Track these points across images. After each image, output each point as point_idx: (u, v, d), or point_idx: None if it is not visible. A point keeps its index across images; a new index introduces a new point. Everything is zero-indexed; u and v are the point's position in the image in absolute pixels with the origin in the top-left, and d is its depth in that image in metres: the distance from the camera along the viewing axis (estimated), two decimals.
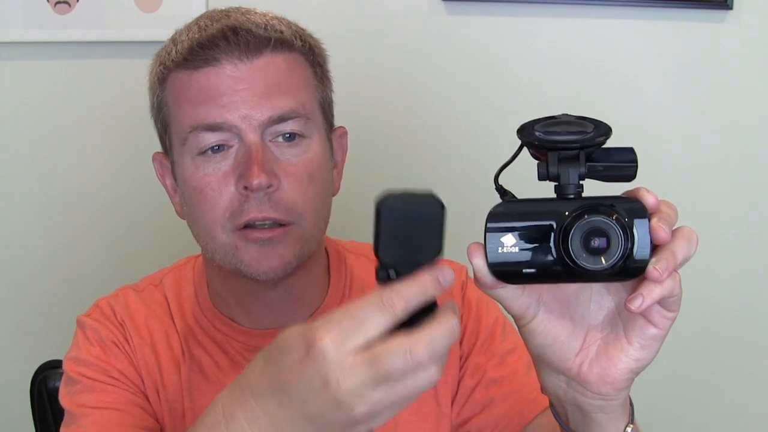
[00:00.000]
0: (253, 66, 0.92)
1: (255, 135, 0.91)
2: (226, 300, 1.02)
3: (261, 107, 0.91)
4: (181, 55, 0.93)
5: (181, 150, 0.94)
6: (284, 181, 0.92)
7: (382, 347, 0.60)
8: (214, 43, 0.91)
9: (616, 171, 0.66)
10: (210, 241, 0.95)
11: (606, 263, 0.62)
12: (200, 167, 0.93)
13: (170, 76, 0.95)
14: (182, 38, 0.94)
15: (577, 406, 0.72)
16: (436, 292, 0.62)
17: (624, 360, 0.68)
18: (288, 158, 0.93)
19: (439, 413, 1.02)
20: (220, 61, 0.91)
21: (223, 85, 0.91)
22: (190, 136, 0.92)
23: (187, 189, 0.95)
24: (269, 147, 0.92)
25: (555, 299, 0.70)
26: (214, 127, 0.91)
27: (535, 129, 0.66)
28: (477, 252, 0.65)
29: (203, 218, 0.94)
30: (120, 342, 1.01)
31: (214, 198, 0.92)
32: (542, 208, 0.65)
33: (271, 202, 0.91)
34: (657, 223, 0.63)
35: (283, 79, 0.93)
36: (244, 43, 0.91)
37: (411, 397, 0.61)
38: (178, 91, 0.94)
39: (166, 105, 0.96)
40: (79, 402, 0.97)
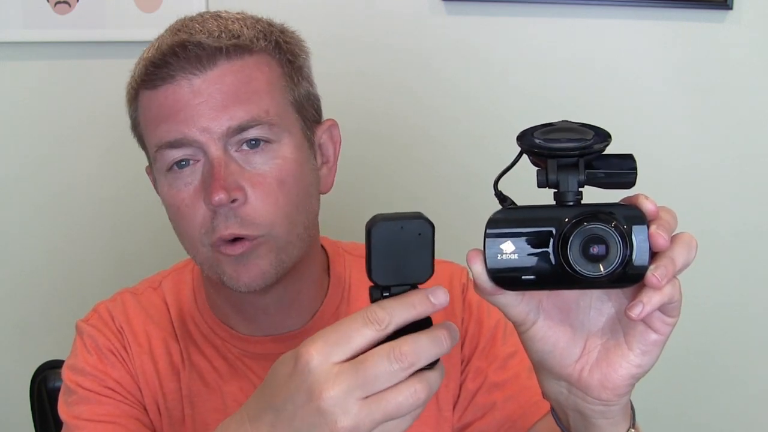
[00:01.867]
0: (208, 78, 0.90)
1: (216, 148, 0.90)
2: (222, 307, 1.02)
3: (219, 119, 0.90)
4: (140, 75, 0.93)
5: (155, 168, 0.95)
6: (251, 193, 0.90)
7: (367, 353, 0.61)
8: (165, 60, 0.90)
9: (615, 178, 0.66)
10: (195, 254, 0.95)
11: (605, 270, 0.62)
12: (173, 184, 0.93)
13: (138, 95, 0.95)
14: (144, 56, 0.94)
15: (579, 411, 0.72)
16: (426, 310, 0.63)
17: (625, 366, 0.68)
18: (255, 167, 0.91)
19: (440, 417, 1.02)
20: (175, 77, 0.90)
21: (180, 101, 0.90)
22: (157, 155, 0.92)
23: (166, 206, 0.95)
24: (234, 158, 0.91)
25: (555, 306, 0.70)
26: (175, 144, 0.91)
27: (535, 136, 0.66)
28: (476, 258, 0.65)
29: (184, 233, 0.94)
30: (117, 350, 1.00)
31: (188, 215, 0.92)
32: (541, 215, 0.65)
33: (237, 218, 0.90)
34: (656, 230, 0.63)
35: (241, 87, 0.91)
36: (195, 57, 0.90)
37: (393, 414, 0.61)
38: (144, 110, 0.94)
39: (138, 124, 0.97)
40: (75, 413, 0.97)
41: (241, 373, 1.00)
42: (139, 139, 0.99)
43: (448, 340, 0.63)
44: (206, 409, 0.99)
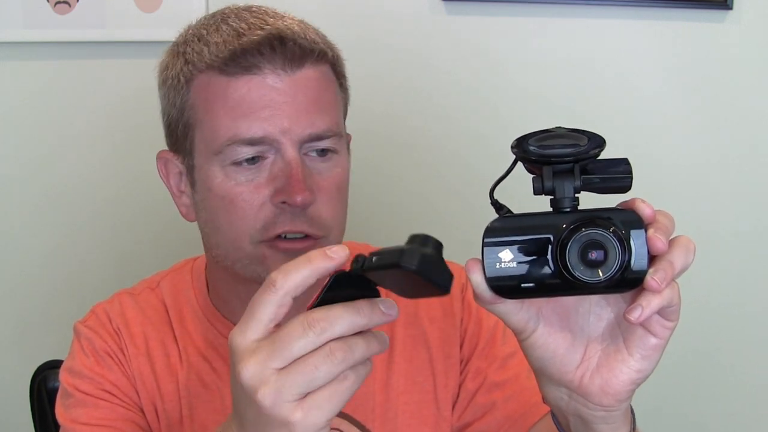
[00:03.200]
0: (295, 78, 0.90)
1: (294, 150, 0.90)
2: (230, 304, 1.01)
3: (301, 123, 0.89)
4: (218, 58, 0.89)
5: (211, 158, 0.92)
6: (318, 197, 0.91)
7: (282, 326, 0.63)
8: (258, 50, 0.88)
9: (611, 183, 0.66)
10: (234, 250, 0.93)
11: (604, 275, 0.62)
12: (231, 176, 0.91)
13: (199, 77, 0.91)
14: (215, 39, 0.90)
15: (580, 417, 0.72)
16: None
17: (625, 371, 0.68)
18: (321, 173, 0.92)
19: (440, 417, 1.02)
20: (263, 70, 0.89)
21: (265, 97, 0.89)
22: (227, 149, 0.90)
23: (213, 197, 0.92)
24: (304, 161, 0.91)
25: (554, 312, 0.70)
26: (254, 142, 0.89)
27: (529, 143, 0.66)
28: (475, 268, 0.65)
29: (230, 227, 0.92)
30: (114, 353, 1.00)
31: (244, 209, 0.90)
32: (539, 222, 0.65)
33: (306, 217, 0.90)
34: (653, 234, 0.63)
35: (321, 95, 0.92)
36: (291, 54, 0.89)
37: (313, 378, 0.61)
38: (211, 96, 0.91)
39: (192, 108, 0.93)
40: (72, 417, 0.97)
41: None
42: (184, 123, 0.94)
43: (367, 309, 0.63)
44: (205, 410, 0.99)
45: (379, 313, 0.64)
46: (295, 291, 0.64)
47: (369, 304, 0.64)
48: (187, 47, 0.93)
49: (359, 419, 0.99)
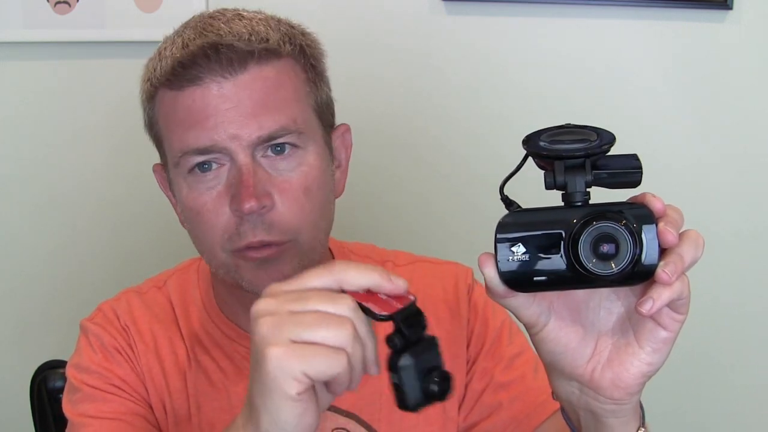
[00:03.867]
0: (238, 82, 0.88)
1: (245, 155, 0.88)
2: (231, 306, 1.02)
3: (249, 127, 0.88)
4: (164, 74, 0.90)
5: (175, 171, 0.93)
6: (278, 200, 0.90)
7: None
8: (195, 62, 0.88)
9: (621, 178, 0.67)
10: (212, 258, 0.94)
11: (616, 268, 0.63)
12: (194, 188, 0.91)
13: (158, 94, 0.92)
14: (167, 53, 0.91)
15: (590, 411, 0.72)
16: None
17: (636, 364, 0.68)
18: (282, 173, 0.90)
19: (446, 417, 1.02)
20: (204, 80, 0.88)
21: (209, 106, 0.88)
22: (181, 161, 0.91)
23: (185, 209, 0.94)
24: (261, 164, 0.90)
25: (565, 306, 0.70)
26: (203, 151, 0.89)
27: (541, 139, 0.67)
28: (488, 262, 0.66)
29: (203, 238, 0.93)
30: (123, 348, 1.00)
31: (210, 220, 0.91)
32: (551, 216, 0.66)
33: (265, 225, 0.89)
34: (664, 227, 0.64)
35: (270, 94, 0.90)
36: (227, 60, 0.88)
37: (315, 332, 0.63)
38: (166, 111, 0.92)
39: (156, 123, 0.94)
40: (80, 411, 0.96)
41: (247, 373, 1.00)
42: (155, 138, 0.97)
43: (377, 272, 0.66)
44: (212, 409, 0.99)
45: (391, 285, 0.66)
46: (345, 284, 0.66)
47: (383, 271, 0.66)
48: (150, 64, 0.94)
49: (366, 419, 0.99)
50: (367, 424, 0.99)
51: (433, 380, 0.65)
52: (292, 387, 0.63)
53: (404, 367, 0.65)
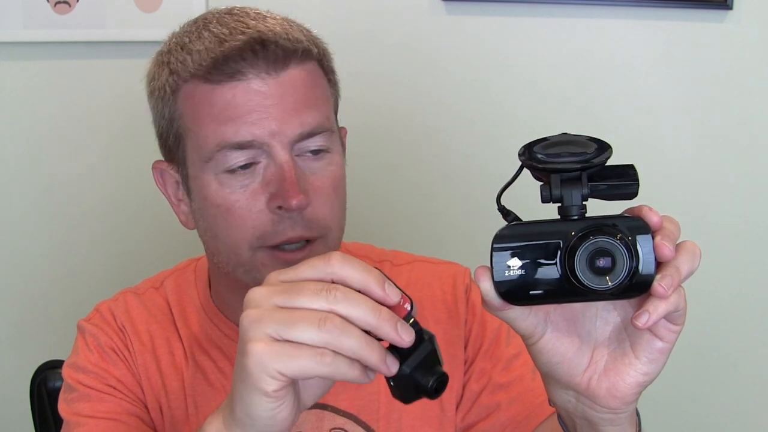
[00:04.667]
0: (280, 80, 0.88)
1: (285, 152, 0.88)
2: (231, 305, 1.01)
3: (291, 123, 0.88)
4: (201, 68, 0.88)
5: (203, 167, 0.91)
6: (313, 198, 0.90)
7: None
8: (240, 56, 0.87)
9: (618, 190, 0.67)
10: (234, 257, 0.92)
11: (612, 283, 0.63)
12: (225, 184, 0.90)
13: (185, 87, 0.90)
14: (197, 47, 0.89)
15: (586, 419, 0.72)
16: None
17: (632, 374, 0.69)
18: (315, 173, 0.91)
19: (443, 418, 1.02)
20: (247, 75, 0.87)
21: (251, 102, 0.87)
22: (217, 155, 0.89)
23: (209, 206, 0.92)
24: (297, 162, 0.90)
25: (562, 317, 0.70)
26: (243, 145, 0.88)
27: (536, 151, 0.66)
28: (484, 275, 0.66)
29: (228, 235, 0.91)
30: (119, 349, 1.00)
31: (242, 216, 0.90)
32: (547, 229, 0.66)
33: (304, 221, 0.89)
34: (661, 241, 0.64)
35: (308, 93, 0.90)
36: (273, 57, 0.87)
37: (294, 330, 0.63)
38: (198, 105, 0.89)
39: (181, 118, 0.92)
40: (75, 410, 0.96)
41: None
42: (175, 133, 0.93)
43: (386, 317, 0.64)
44: (210, 408, 0.99)
45: (393, 329, 0.65)
46: (339, 277, 0.65)
47: (391, 315, 0.65)
48: (171, 56, 0.92)
49: (364, 419, 0.99)
50: (365, 424, 0.99)
51: (426, 376, 0.65)
52: (268, 384, 0.64)
53: (404, 380, 0.66)
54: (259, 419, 0.66)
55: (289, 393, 0.65)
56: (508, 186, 0.71)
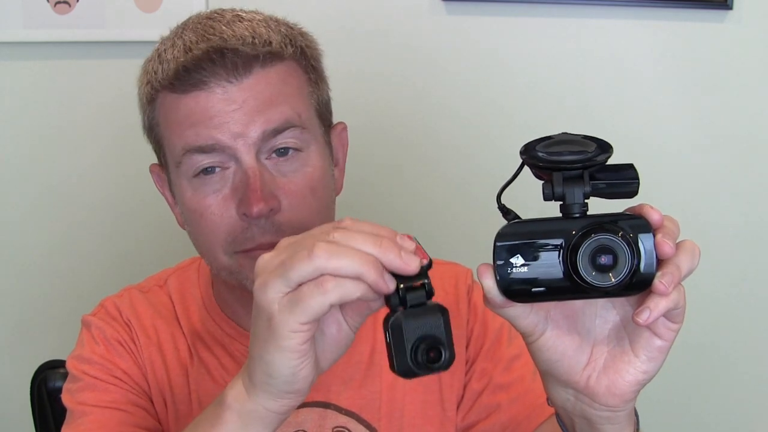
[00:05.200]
0: (243, 86, 0.89)
1: (250, 156, 0.89)
2: (231, 306, 1.02)
3: (254, 123, 0.88)
4: (167, 78, 0.90)
5: (177, 172, 0.93)
6: (285, 201, 0.90)
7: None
8: (200, 66, 0.88)
9: (618, 188, 0.67)
10: (213, 260, 0.94)
11: (614, 279, 0.64)
12: (198, 190, 0.91)
13: (159, 96, 0.92)
14: (168, 56, 0.90)
15: (585, 418, 0.73)
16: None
17: (631, 372, 0.69)
18: (287, 175, 0.91)
19: (444, 417, 1.02)
20: (209, 84, 0.88)
21: (213, 108, 0.88)
22: (184, 159, 0.90)
23: (187, 211, 0.93)
24: (266, 166, 0.90)
25: (562, 315, 0.71)
26: (206, 149, 0.89)
27: (537, 149, 0.67)
28: (486, 273, 0.66)
29: (205, 240, 0.93)
30: (125, 341, 1.00)
31: (214, 222, 0.91)
32: (549, 227, 0.66)
33: (274, 227, 0.89)
34: (662, 239, 0.64)
35: (275, 93, 0.90)
36: (232, 65, 0.88)
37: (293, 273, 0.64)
38: (167, 113, 0.92)
39: (157, 125, 0.94)
40: (80, 400, 0.96)
41: None
42: (155, 140, 0.96)
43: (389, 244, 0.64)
44: None
45: (397, 255, 0.64)
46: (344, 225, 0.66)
47: (394, 243, 0.65)
48: (149, 66, 0.94)
49: (366, 418, 0.99)
50: (367, 423, 0.99)
51: (427, 349, 0.64)
52: (292, 339, 0.65)
53: (394, 327, 0.64)
54: (280, 377, 0.67)
55: (311, 348, 0.66)
56: (508, 185, 0.72)
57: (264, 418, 0.70)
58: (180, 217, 0.99)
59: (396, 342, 0.64)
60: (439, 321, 0.65)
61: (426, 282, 0.65)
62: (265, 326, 0.65)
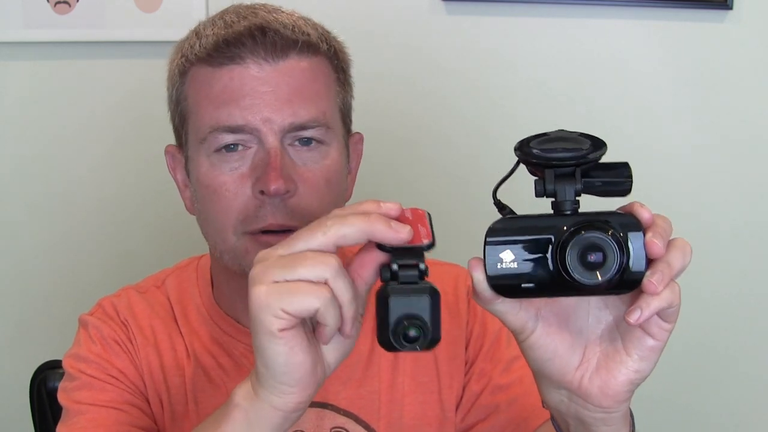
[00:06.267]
0: (278, 68, 0.91)
1: (275, 139, 0.90)
2: (231, 300, 1.02)
3: (283, 112, 0.90)
4: (204, 50, 0.91)
5: (198, 148, 0.94)
6: (301, 187, 0.91)
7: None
8: (240, 41, 0.90)
9: (611, 186, 0.67)
10: (220, 241, 0.94)
11: (602, 277, 0.64)
12: (216, 166, 0.92)
13: (192, 69, 0.94)
14: (207, 32, 0.92)
15: (579, 419, 0.72)
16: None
17: (624, 372, 0.69)
18: (306, 163, 0.92)
19: (444, 418, 1.02)
20: (245, 59, 0.90)
21: (246, 86, 0.90)
22: (210, 137, 0.92)
23: (201, 187, 0.94)
24: (288, 151, 0.91)
25: (553, 314, 0.70)
26: (235, 129, 0.90)
27: (531, 146, 0.67)
28: (477, 267, 0.67)
29: (215, 218, 0.93)
30: (122, 341, 1.00)
31: (228, 199, 0.91)
32: (540, 224, 0.66)
33: (287, 209, 0.90)
34: (651, 238, 0.64)
35: (306, 85, 0.92)
36: (271, 44, 0.90)
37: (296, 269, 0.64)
38: (199, 86, 0.93)
39: (185, 99, 0.95)
40: (76, 398, 0.96)
41: (246, 370, 1.00)
42: (180, 115, 0.97)
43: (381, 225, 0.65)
44: (210, 405, 0.99)
45: (387, 226, 0.65)
46: (340, 243, 0.66)
47: (383, 216, 0.66)
48: (186, 42, 0.95)
49: (364, 419, 0.99)
50: (365, 424, 0.99)
51: (408, 326, 0.64)
52: (273, 324, 0.65)
53: (380, 299, 0.64)
54: (275, 365, 0.67)
55: (298, 334, 0.66)
56: (504, 181, 0.72)
57: (270, 418, 0.70)
58: (189, 200, 1.00)
59: (381, 315, 0.64)
60: (426, 301, 0.64)
61: (421, 262, 0.65)
62: (251, 312, 0.66)
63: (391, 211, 0.67)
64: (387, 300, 0.64)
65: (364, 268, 0.68)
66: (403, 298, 0.64)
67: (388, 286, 0.64)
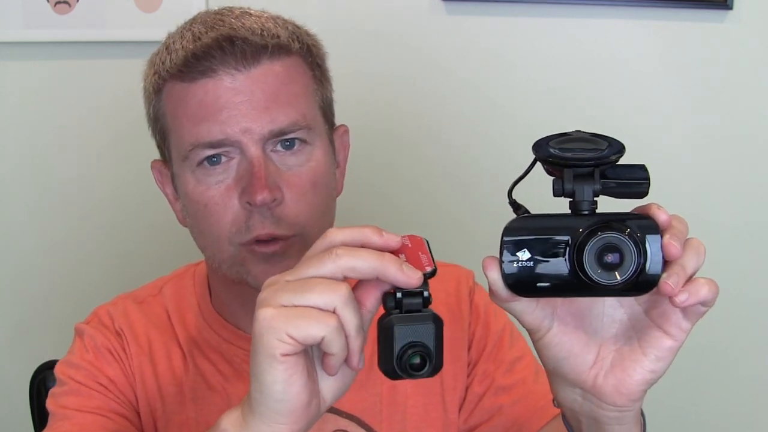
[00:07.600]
0: (251, 76, 0.89)
1: (256, 148, 0.89)
2: (230, 307, 1.01)
3: (261, 120, 0.89)
4: (175, 66, 0.90)
5: (182, 165, 0.93)
6: (287, 193, 0.90)
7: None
8: (209, 53, 0.88)
9: (629, 188, 0.67)
10: (217, 252, 0.94)
11: (620, 278, 0.64)
12: (202, 181, 0.91)
13: (166, 86, 0.92)
14: (176, 46, 0.91)
15: (593, 418, 0.72)
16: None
17: (639, 371, 0.69)
18: (290, 168, 0.91)
19: (447, 420, 1.02)
20: (217, 71, 0.89)
21: (221, 99, 0.89)
22: (191, 154, 0.91)
23: (190, 203, 0.93)
24: (271, 158, 0.91)
25: (569, 313, 0.70)
26: (215, 144, 0.90)
27: (550, 145, 0.67)
28: (492, 265, 0.66)
29: (210, 232, 0.93)
30: (115, 350, 1.00)
31: (218, 213, 0.91)
32: (557, 223, 0.66)
33: (274, 218, 0.90)
34: (669, 240, 0.64)
35: (282, 89, 0.91)
36: (241, 53, 0.89)
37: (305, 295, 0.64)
38: (175, 104, 0.92)
39: (163, 116, 0.94)
40: (62, 404, 0.96)
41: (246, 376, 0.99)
42: (159, 132, 0.96)
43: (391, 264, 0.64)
44: (211, 412, 0.98)
45: (398, 269, 0.64)
46: (348, 275, 0.65)
47: (395, 258, 0.65)
48: (157, 57, 0.94)
49: (367, 421, 0.99)
50: (368, 426, 0.99)
51: (413, 354, 0.64)
52: (276, 347, 0.64)
53: (385, 329, 0.64)
54: (271, 392, 0.65)
55: (300, 363, 0.65)
56: (520, 180, 0.72)
57: None
58: (180, 213, 0.99)
59: (385, 343, 0.65)
60: (431, 330, 0.65)
61: (425, 290, 0.65)
62: (255, 333, 0.65)
63: (391, 242, 0.67)
64: (392, 329, 0.64)
65: (367, 296, 0.67)
66: (408, 327, 0.64)
67: (392, 314, 0.64)
